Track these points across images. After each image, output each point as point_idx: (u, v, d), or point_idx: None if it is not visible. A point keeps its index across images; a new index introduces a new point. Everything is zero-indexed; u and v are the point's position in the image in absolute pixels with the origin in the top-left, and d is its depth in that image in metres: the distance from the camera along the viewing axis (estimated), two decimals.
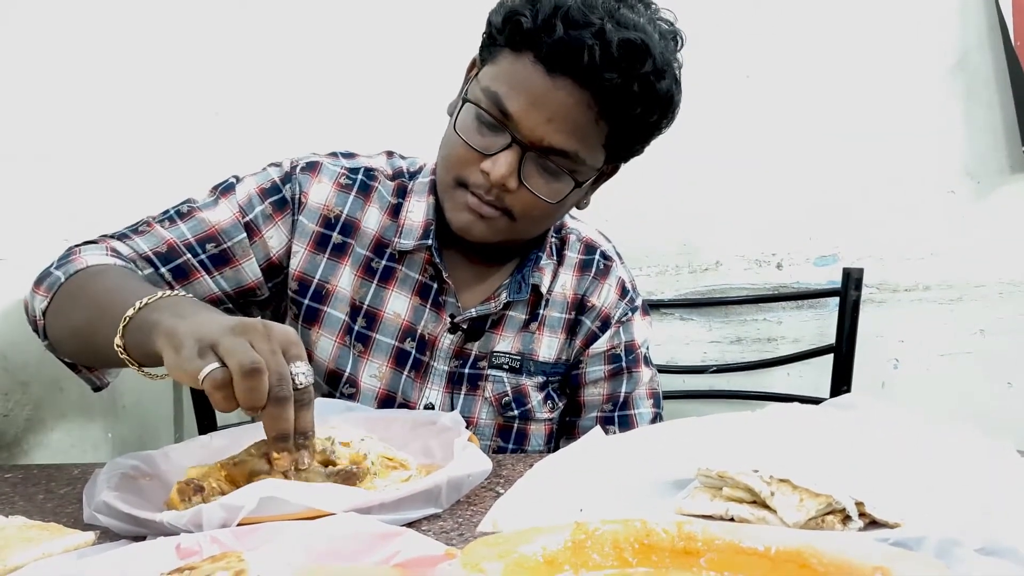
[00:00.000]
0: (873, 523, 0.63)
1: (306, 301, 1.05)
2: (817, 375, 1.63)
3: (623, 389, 1.15)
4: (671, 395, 1.66)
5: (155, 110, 1.42)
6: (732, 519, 0.65)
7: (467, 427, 0.89)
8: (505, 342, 1.10)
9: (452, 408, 1.08)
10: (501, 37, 0.95)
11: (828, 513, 0.63)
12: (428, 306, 1.07)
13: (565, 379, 1.15)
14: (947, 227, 1.68)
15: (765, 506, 0.65)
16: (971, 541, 0.56)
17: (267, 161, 1.10)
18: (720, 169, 1.71)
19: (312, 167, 1.07)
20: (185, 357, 0.69)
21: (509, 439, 1.11)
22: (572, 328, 1.13)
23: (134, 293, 0.80)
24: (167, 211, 1.03)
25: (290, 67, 1.71)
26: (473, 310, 1.07)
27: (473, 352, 1.09)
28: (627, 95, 0.92)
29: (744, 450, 0.74)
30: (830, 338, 1.57)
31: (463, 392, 1.09)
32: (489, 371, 1.09)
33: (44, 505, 0.82)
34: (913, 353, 1.69)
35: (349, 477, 0.77)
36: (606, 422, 1.14)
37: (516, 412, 1.10)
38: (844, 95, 1.68)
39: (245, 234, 1.02)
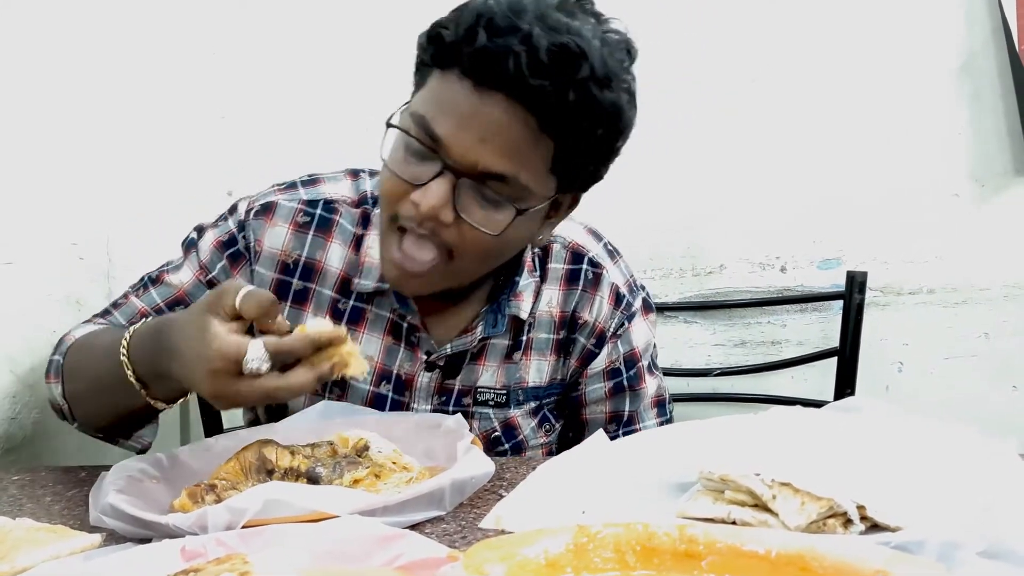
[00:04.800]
0: (874, 526, 0.63)
1: None
2: (821, 378, 1.63)
3: (626, 408, 1.10)
4: (675, 398, 1.65)
5: (161, 114, 1.43)
6: (734, 522, 0.65)
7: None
8: (488, 373, 1.04)
9: None
10: (427, 56, 0.87)
11: (830, 516, 0.63)
12: (402, 345, 1.02)
13: (563, 399, 1.10)
14: (951, 230, 1.67)
15: (767, 509, 0.65)
16: (972, 544, 0.56)
17: (271, 164, 1.12)
18: (725, 172, 1.71)
19: (266, 209, 1.02)
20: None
21: None
22: (564, 348, 1.06)
23: (113, 349, 0.85)
24: (143, 278, 1.05)
25: (295, 71, 1.71)
26: (448, 347, 1.01)
27: (456, 387, 1.03)
28: (564, 106, 0.82)
29: (746, 453, 0.74)
30: (834, 341, 1.56)
31: None
32: (474, 408, 1.04)
33: (51, 507, 0.83)
34: (917, 356, 1.69)
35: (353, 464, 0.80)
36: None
37: (507, 445, 1.06)
38: (848, 99, 1.68)
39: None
